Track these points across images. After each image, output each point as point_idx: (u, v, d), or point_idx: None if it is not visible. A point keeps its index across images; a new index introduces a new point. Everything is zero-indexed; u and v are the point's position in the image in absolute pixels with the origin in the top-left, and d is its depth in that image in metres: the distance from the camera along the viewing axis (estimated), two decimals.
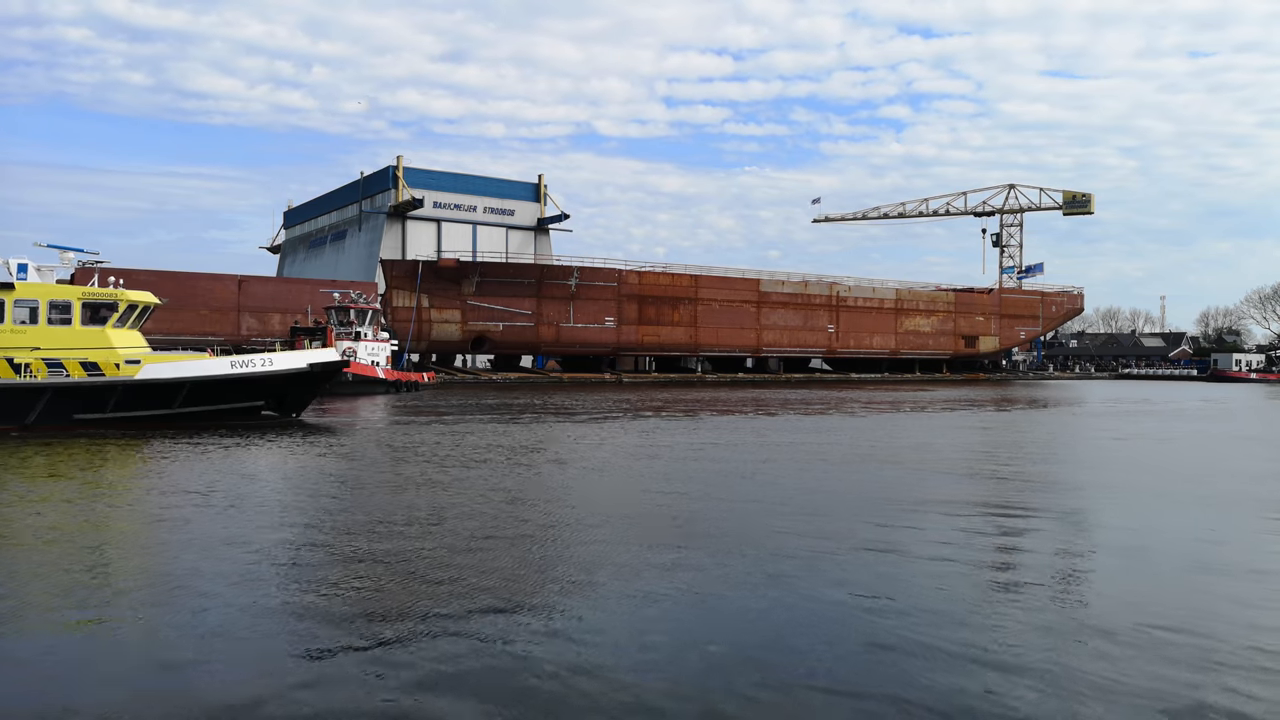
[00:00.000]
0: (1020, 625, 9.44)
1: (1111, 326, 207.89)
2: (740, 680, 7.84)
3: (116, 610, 9.68)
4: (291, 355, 34.58)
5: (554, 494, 17.80)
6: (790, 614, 9.71)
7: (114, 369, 29.82)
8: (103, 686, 7.66)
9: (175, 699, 7.34)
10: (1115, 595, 10.78)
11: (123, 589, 10.50)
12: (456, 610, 9.69)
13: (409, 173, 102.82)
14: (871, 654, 8.52)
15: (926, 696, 7.47)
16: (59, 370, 29.13)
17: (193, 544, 12.81)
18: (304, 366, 33.78)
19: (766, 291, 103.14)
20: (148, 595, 10.23)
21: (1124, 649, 8.66)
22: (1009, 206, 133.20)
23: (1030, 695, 7.52)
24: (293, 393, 34.58)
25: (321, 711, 7.13)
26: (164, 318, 73.73)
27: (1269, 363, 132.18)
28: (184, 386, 30.83)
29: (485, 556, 12.16)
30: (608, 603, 10.08)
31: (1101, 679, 7.86)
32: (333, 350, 37.90)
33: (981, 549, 13.26)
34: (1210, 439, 33.67)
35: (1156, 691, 7.61)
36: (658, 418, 39.38)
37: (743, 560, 12.02)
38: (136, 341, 31.29)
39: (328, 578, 11.10)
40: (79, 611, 9.60)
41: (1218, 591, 10.97)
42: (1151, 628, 9.31)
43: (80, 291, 30.10)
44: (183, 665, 8.06)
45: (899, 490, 18.60)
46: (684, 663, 8.25)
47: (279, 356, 33.92)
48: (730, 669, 8.10)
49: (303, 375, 33.94)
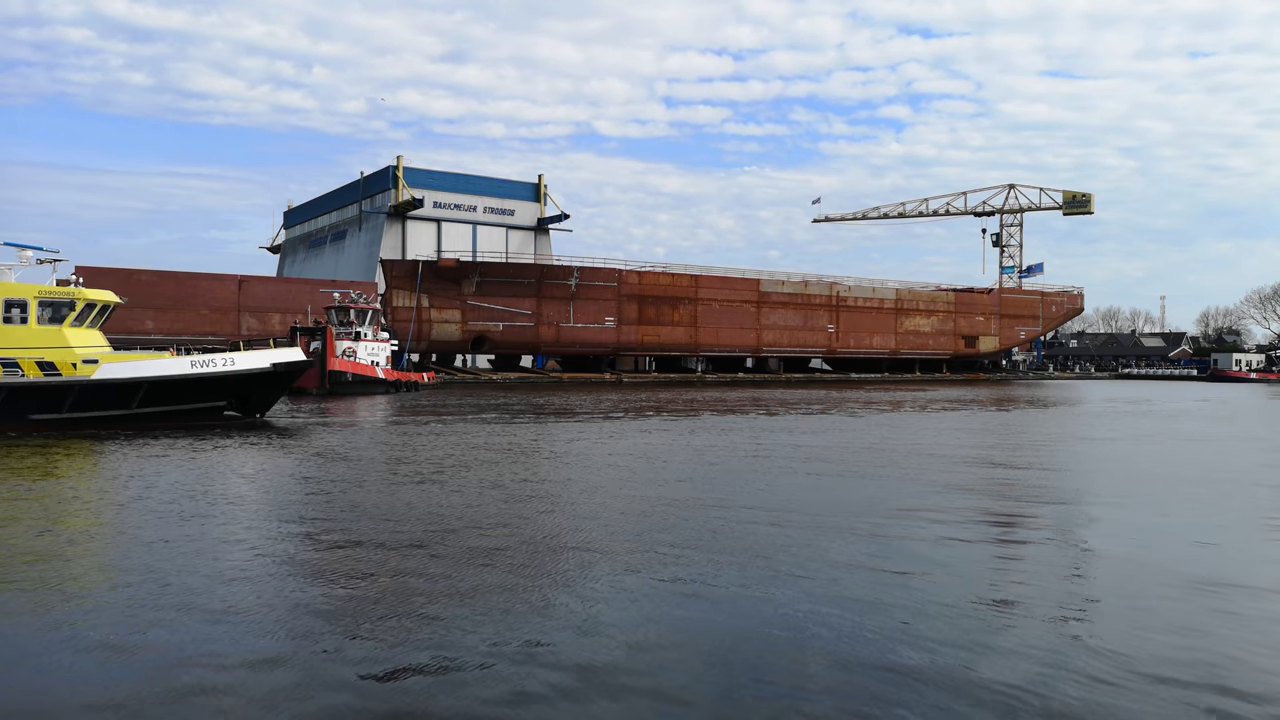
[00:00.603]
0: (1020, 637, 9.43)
1: (1111, 326, 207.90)
2: (740, 678, 7.84)
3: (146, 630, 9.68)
4: (254, 355, 33.61)
5: (550, 496, 17.79)
6: (791, 612, 9.73)
7: (71, 369, 29.28)
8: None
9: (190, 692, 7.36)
10: (1115, 616, 10.78)
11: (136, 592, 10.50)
12: (455, 612, 9.69)
13: (409, 173, 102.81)
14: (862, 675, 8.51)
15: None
16: (14, 370, 28.58)
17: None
18: (267, 366, 33.10)
19: (766, 291, 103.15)
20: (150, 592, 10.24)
21: (1119, 663, 8.66)
22: (1009, 206, 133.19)
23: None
24: (257, 393, 33.90)
25: (324, 711, 7.15)
26: (165, 318, 73.96)
27: (1269, 363, 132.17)
28: (142, 386, 30.26)
29: (475, 566, 12.16)
30: (606, 602, 10.09)
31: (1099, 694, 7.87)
32: (298, 350, 36.90)
33: (982, 554, 13.25)
34: (1212, 440, 33.65)
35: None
36: (658, 418, 39.39)
37: (735, 568, 12.01)
38: (95, 341, 30.66)
39: (328, 579, 11.11)
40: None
41: (1217, 608, 10.96)
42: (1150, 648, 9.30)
43: (37, 290, 29.50)
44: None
45: (894, 496, 18.59)
46: (684, 660, 8.26)
47: (241, 356, 33.06)
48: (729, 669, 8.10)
49: (266, 375, 33.20)
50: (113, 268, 74.25)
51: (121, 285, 72.44)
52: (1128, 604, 10.30)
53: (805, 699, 7.44)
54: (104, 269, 73.23)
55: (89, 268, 72.79)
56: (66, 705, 7.24)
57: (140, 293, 72.91)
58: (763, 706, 7.30)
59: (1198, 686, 7.74)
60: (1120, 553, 13.02)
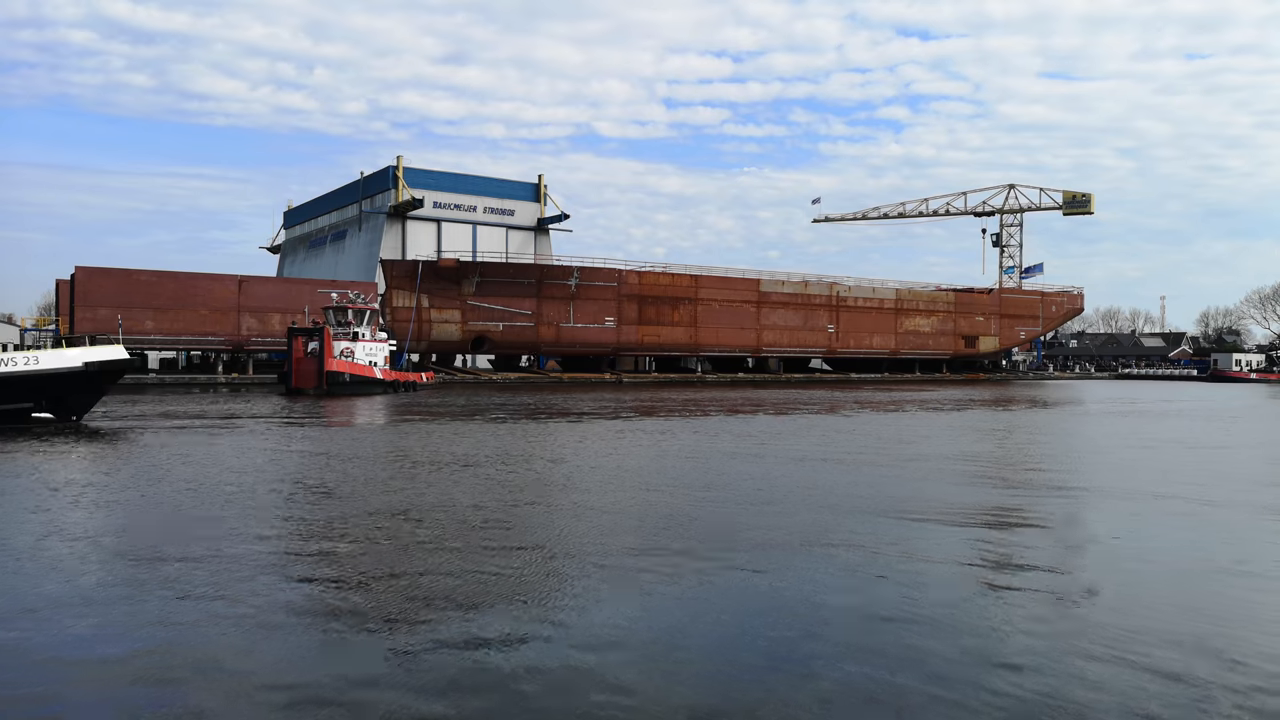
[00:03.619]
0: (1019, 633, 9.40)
1: (1111, 326, 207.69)
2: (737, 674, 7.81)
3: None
4: (63, 353, 31.60)
5: (549, 497, 17.75)
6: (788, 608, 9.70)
7: None
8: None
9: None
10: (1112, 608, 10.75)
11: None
12: (451, 615, 9.66)
13: (409, 173, 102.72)
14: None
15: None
16: None
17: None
18: (79, 365, 31.05)
19: (766, 291, 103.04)
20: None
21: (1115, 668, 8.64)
22: (1009, 206, 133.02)
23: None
24: (72, 394, 31.66)
25: (328, 709, 7.13)
26: (164, 318, 73.79)
27: (1269, 363, 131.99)
28: None
29: (468, 565, 12.12)
30: (606, 603, 10.06)
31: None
32: (118, 348, 34.15)
33: (986, 563, 13.22)
34: (1215, 443, 33.60)
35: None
36: (657, 419, 39.34)
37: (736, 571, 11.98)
38: None
39: (326, 575, 11.08)
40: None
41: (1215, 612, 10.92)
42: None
43: None
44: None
45: (897, 498, 18.57)
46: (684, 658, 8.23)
47: (47, 355, 31.10)
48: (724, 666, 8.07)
49: (78, 375, 31.06)
50: (113, 268, 74.16)
51: (121, 285, 72.82)
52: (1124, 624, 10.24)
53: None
54: (104, 269, 73.18)
55: (89, 268, 72.80)
56: None
57: (140, 293, 72.84)
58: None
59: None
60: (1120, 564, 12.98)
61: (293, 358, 57.45)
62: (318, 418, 37.54)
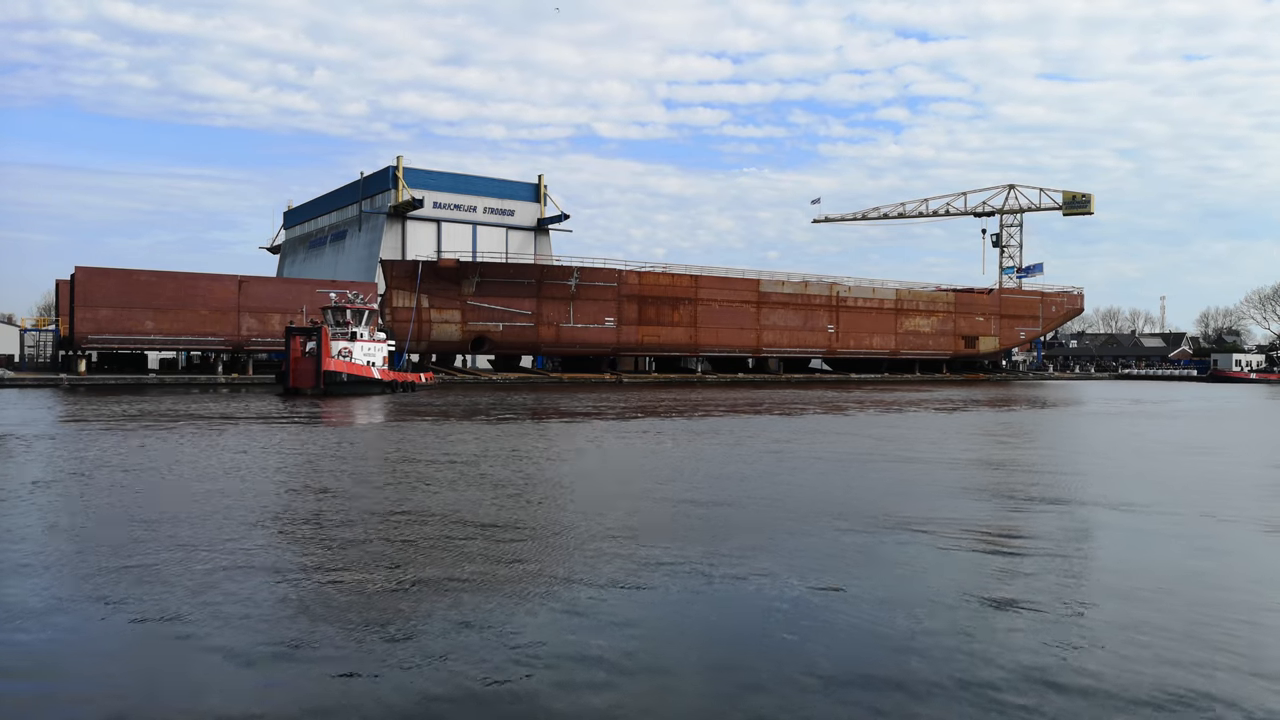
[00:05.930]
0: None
1: (1111, 327, 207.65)
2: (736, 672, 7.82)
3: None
4: None
5: (548, 500, 17.75)
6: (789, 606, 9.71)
7: None
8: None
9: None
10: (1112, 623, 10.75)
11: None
12: (450, 615, 9.66)
13: (409, 173, 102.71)
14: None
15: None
16: None
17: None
18: None
19: (766, 292, 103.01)
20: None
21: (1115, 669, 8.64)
22: (1009, 207, 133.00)
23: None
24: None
25: (330, 709, 7.13)
26: (165, 318, 73.82)
27: (1269, 363, 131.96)
28: None
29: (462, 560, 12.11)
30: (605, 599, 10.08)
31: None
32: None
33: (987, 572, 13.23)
34: (1219, 446, 33.60)
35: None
36: (659, 419, 39.34)
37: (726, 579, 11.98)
38: None
39: (326, 574, 11.09)
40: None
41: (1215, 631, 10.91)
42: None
43: None
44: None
45: (893, 505, 18.57)
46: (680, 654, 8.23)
47: None
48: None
49: None
50: (113, 268, 74.18)
51: (122, 285, 72.83)
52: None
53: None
54: (104, 269, 73.18)
55: (89, 268, 72.80)
56: None
57: (140, 293, 72.86)
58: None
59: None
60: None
61: (290, 358, 57.43)
62: (312, 418, 37.53)
